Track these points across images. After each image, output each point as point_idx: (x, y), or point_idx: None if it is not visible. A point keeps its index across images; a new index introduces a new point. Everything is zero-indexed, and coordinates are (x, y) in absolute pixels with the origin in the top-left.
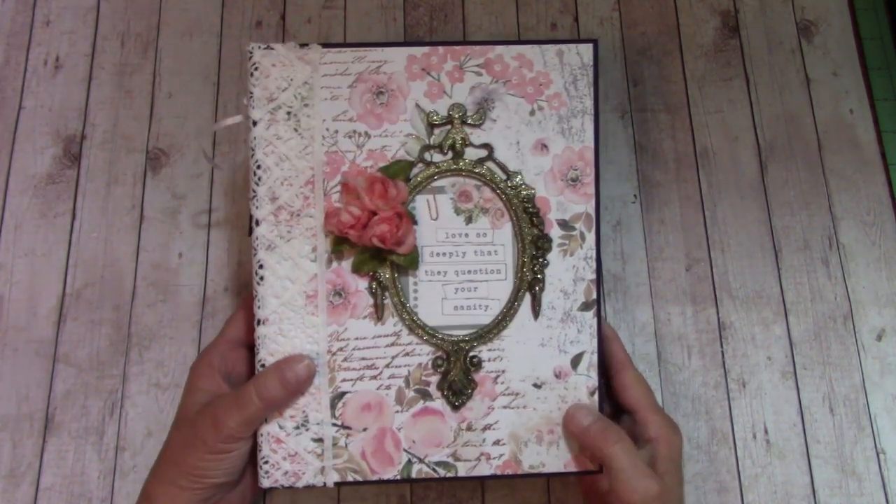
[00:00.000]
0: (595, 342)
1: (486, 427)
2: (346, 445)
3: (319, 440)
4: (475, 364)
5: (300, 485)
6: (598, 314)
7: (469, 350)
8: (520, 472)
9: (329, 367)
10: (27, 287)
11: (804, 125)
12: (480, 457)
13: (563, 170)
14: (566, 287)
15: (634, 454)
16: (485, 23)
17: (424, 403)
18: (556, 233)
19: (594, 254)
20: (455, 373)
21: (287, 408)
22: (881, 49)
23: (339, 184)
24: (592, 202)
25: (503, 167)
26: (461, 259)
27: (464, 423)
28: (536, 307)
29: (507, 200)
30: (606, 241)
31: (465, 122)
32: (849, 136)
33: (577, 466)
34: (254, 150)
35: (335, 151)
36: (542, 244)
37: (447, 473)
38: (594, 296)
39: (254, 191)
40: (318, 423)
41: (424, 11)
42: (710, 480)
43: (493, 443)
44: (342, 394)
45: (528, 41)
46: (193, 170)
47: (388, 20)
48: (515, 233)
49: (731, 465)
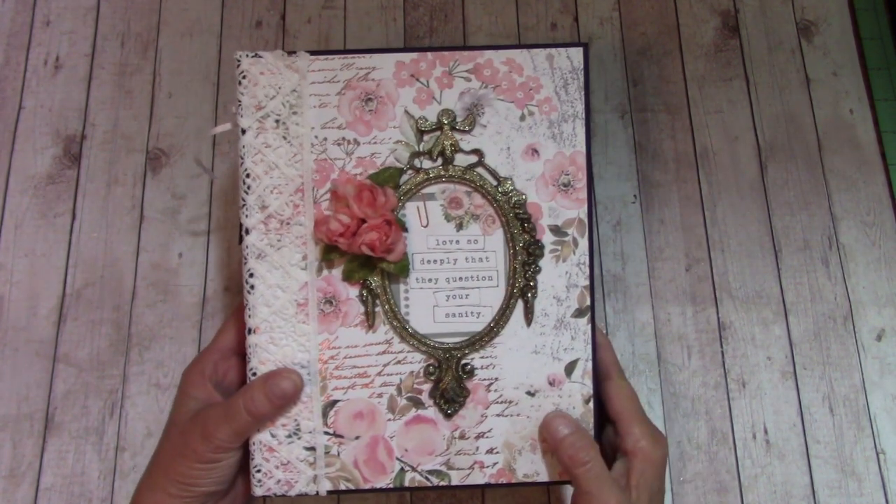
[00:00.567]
0: (589, 349)
1: (480, 435)
2: (339, 454)
3: (311, 449)
4: (468, 372)
5: (293, 493)
6: (593, 321)
7: (461, 358)
8: (513, 481)
9: (321, 376)
10: (27, 287)
11: (804, 125)
12: (474, 465)
13: (555, 175)
14: (559, 293)
15: (601, 477)
16: (485, 23)
17: (417, 411)
18: (549, 239)
19: (587, 259)
20: (447, 381)
21: (279, 417)
22: (881, 49)
23: (329, 192)
24: (584, 207)
25: (494, 173)
26: (452, 266)
27: (457, 432)
28: (529, 314)
29: (498, 206)
30: (606, 241)
31: (455, 128)
32: (849, 136)
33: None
34: (243, 159)
35: (324, 159)
36: (534, 250)
37: (440, 482)
38: (588, 302)
39: (243, 199)
40: (310, 432)
41: (424, 12)
42: (710, 480)
43: (487, 451)
44: (334, 402)
45: (518, 45)
46: (193, 170)
47: (388, 20)
48: (507, 239)
49: (731, 465)
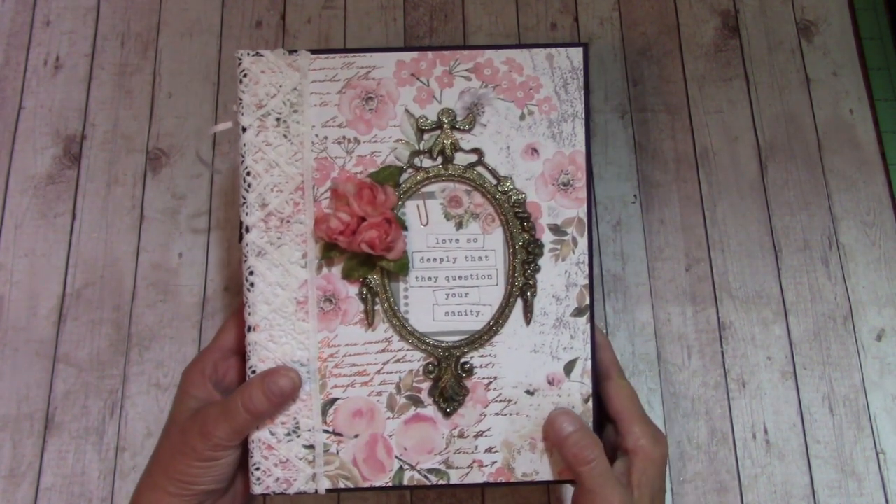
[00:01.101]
0: (589, 348)
1: (479, 434)
2: (338, 452)
3: (311, 447)
4: (467, 370)
5: (291, 491)
6: (592, 320)
7: (460, 356)
8: (512, 480)
9: (320, 374)
10: (27, 287)
11: (804, 125)
12: (473, 464)
13: (555, 174)
14: (558, 293)
15: (605, 474)
16: (485, 23)
17: (416, 410)
18: (548, 238)
19: (587, 259)
20: (446, 379)
21: (278, 415)
22: (881, 49)
23: (329, 190)
24: (584, 207)
25: (493, 172)
26: (452, 265)
27: (456, 430)
28: (528, 313)
29: (498, 205)
30: (606, 242)
31: (455, 127)
32: (849, 136)
33: (570, 475)
34: (243, 157)
35: (325, 157)
36: (534, 249)
37: (439, 480)
38: (587, 301)
39: (244, 197)
40: (310, 430)
41: (424, 11)
42: (710, 480)
43: (486, 450)
44: (333, 400)
45: (518, 45)
46: (193, 170)
47: (388, 20)
48: (506, 238)
49: (731, 465)
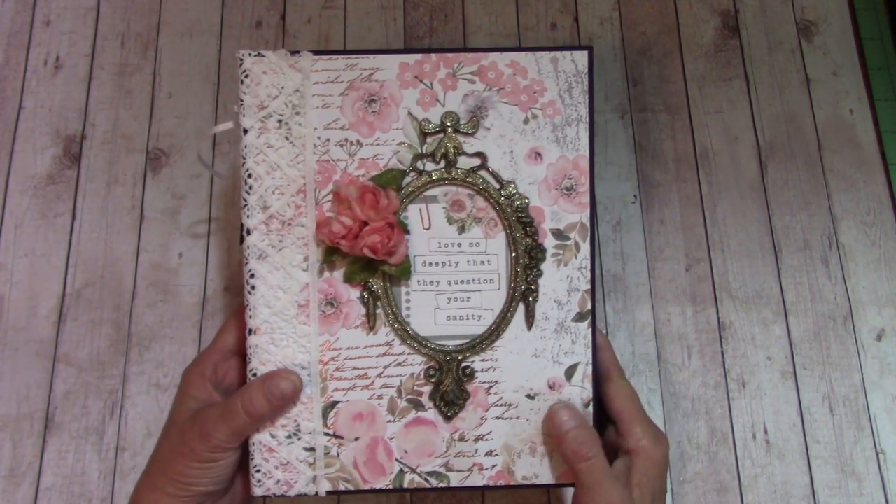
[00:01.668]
0: (590, 353)
1: (479, 438)
2: (338, 455)
3: (311, 449)
4: (468, 374)
5: (292, 493)
6: (593, 325)
7: (462, 360)
8: (512, 483)
9: (321, 377)
10: (27, 287)
11: (804, 125)
12: (473, 467)
13: (558, 179)
14: (560, 297)
15: (604, 473)
16: (485, 23)
17: (417, 413)
18: (550, 242)
19: (589, 264)
20: (447, 383)
21: (278, 417)
22: (881, 49)
23: (331, 193)
24: (587, 212)
25: (497, 176)
26: (454, 269)
27: (456, 434)
28: (530, 318)
29: (501, 210)
30: (606, 242)
31: (458, 131)
32: (849, 136)
33: (570, 479)
34: (245, 159)
35: (327, 160)
36: (536, 254)
37: (439, 484)
38: (589, 306)
39: (245, 200)
40: (310, 433)
41: (424, 12)
42: (710, 480)
43: (486, 453)
44: (334, 403)
45: (522, 48)
46: (193, 170)
47: (388, 20)
48: (509, 242)
49: (731, 465)
